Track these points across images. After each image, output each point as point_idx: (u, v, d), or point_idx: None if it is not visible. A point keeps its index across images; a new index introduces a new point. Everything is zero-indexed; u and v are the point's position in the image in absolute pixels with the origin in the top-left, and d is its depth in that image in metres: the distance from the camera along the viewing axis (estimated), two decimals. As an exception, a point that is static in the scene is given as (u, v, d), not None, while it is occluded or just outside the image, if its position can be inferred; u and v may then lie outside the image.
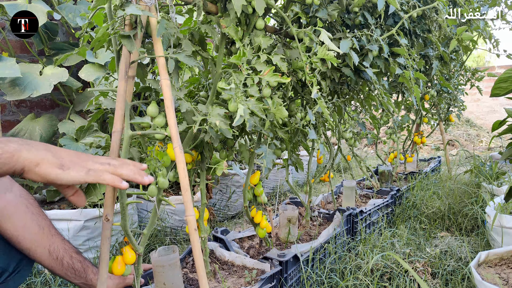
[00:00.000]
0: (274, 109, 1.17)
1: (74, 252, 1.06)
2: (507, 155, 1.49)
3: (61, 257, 1.02)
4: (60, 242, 1.03)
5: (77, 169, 0.73)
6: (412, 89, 1.65)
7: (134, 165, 0.83)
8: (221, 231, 1.66)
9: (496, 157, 3.26)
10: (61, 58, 2.03)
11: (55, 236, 1.02)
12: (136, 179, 0.80)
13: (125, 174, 0.79)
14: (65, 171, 0.71)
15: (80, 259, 1.06)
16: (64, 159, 0.72)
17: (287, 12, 1.31)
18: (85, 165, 0.74)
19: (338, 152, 2.19)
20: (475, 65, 11.30)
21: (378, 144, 5.40)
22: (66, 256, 1.02)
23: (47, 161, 0.70)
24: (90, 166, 0.74)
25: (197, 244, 0.96)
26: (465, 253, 1.71)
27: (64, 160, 0.72)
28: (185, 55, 0.99)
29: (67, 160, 0.73)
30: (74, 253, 1.05)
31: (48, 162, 0.70)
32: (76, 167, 0.73)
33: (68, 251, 1.04)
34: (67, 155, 0.74)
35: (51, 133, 2.15)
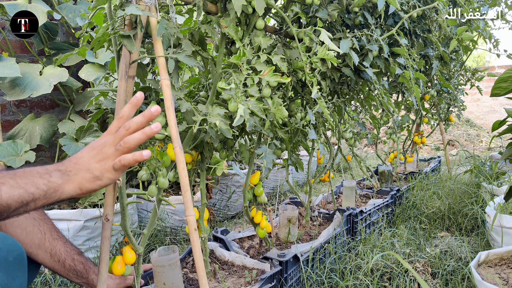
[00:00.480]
0: (274, 109, 1.17)
1: (76, 254, 1.07)
2: (507, 155, 1.49)
3: (63, 260, 1.03)
4: (62, 245, 1.04)
5: (108, 173, 0.78)
6: (412, 89, 1.65)
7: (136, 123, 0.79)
8: (221, 231, 1.66)
9: (496, 157, 3.26)
10: (61, 58, 2.02)
11: (56, 240, 1.03)
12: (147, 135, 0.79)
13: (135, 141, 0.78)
14: (102, 180, 0.77)
15: (82, 260, 1.07)
16: (96, 169, 0.77)
17: (287, 12, 1.31)
18: (109, 165, 0.77)
19: (338, 152, 2.19)
20: (475, 65, 11.30)
21: (378, 144, 5.41)
22: (68, 259, 1.04)
23: (86, 181, 0.76)
24: (111, 164, 0.77)
25: (197, 244, 0.96)
26: (465, 253, 1.71)
27: (97, 169, 0.77)
28: (185, 55, 0.99)
29: (98, 169, 0.77)
30: (76, 255, 1.06)
31: (86, 181, 0.76)
32: (107, 171, 0.77)
33: (70, 253, 1.05)
34: (95, 162, 0.77)
35: (51, 133, 2.14)
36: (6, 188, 0.67)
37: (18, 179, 0.70)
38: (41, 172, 0.73)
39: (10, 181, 0.69)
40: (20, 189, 0.69)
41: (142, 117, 0.79)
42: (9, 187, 0.68)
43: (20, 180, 0.70)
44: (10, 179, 0.69)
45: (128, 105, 0.81)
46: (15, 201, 0.68)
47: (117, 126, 0.80)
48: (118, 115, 0.81)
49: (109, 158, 0.78)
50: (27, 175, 0.71)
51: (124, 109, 0.81)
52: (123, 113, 0.80)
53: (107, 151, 0.78)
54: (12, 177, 0.70)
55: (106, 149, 0.78)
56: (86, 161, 0.77)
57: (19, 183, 0.69)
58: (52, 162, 2.36)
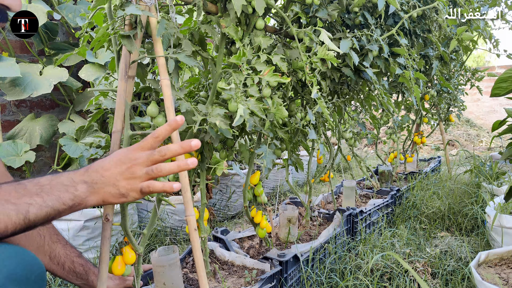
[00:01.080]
0: (274, 109, 1.17)
1: (76, 256, 1.07)
2: (507, 155, 1.48)
3: (62, 262, 1.03)
4: (62, 248, 1.04)
5: (134, 192, 0.77)
6: (412, 89, 1.65)
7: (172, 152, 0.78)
8: (221, 231, 1.66)
9: (496, 157, 3.26)
10: (61, 58, 2.03)
11: (56, 243, 1.03)
12: (181, 168, 0.79)
13: (168, 172, 0.78)
14: (127, 198, 0.78)
15: (82, 262, 1.07)
16: (123, 187, 0.77)
17: (287, 12, 1.31)
18: (137, 186, 0.77)
19: (338, 152, 2.19)
20: (475, 65, 11.30)
21: (378, 144, 5.40)
22: (68, 261, 1.04)
23: (111, 196, 0.76)
24: (140, 186, 0.77)
25: (197, 244, 0.96)
26: (465, 253, 1.71)
27: (124, 187, 0.77)
28: (185, 55, 0.99)
29: (124, 187, 0.77)
30: (76, 257, 1.06)
31: (111, 196, 0.76)
32: (133, 191, 0.77)
33: (70, 256, 1.05)
34: (123, 179, 0.77)
35: (51, 133, 2.15)
36: (34, 210, 0.68)
37: (45, 196, 0.69)
38: (67, 184, 0.73)
39: (38, 200, 0.68)
40: (48, 207, 0.69)
41: (180, 149, 0.77)
42: (37, 208, 0.68)
43: (47, 197, 0.70)
44: (38, 197, 0.69)
45: (167, 127, 0.78)
46: (41, 219, 0.69)
47: (151, 145, 0.78)
48: (154, 134, 0.78)
49: (137, 178, 0.77)
50: (54, 189, 0.71)
51: (161, 130, 0.78)
52: (159, 134, 0.78)
53: (137, 171, 0.77)
54: (39, 194, 0.69)
55: (136, 169, 0.77)
56: (113, 176, 0.76)
57: (46, 201, 0.69)
58: (52, 162, 2.36)
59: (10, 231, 0.66)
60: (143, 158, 0.77)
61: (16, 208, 0.66)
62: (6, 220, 0.64)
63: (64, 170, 2.14)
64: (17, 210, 0.66)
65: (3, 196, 0.66)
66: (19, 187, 0.69)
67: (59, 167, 2.12)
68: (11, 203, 0.66)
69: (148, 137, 0.79)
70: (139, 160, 0.77)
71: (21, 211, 0.66)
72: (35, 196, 0.69)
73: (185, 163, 0.77)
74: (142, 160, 0.77)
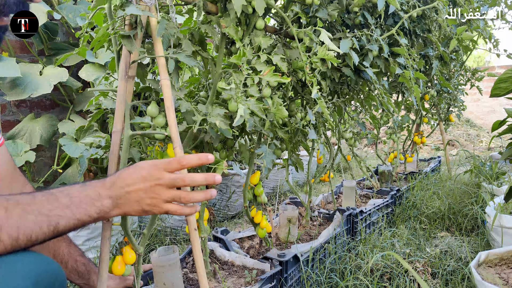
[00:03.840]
0: (274, 109, 1.17)
1: (79, 255, 1.08)
2: (507, 155, 1.48)
3: (65, 261, 1.04)
4: (66, 246, 1.05)
5: (156, 209, 0.80)
6: (412, 89, 1.65)
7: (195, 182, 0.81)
8: (221, 231, 1.66)
9: (496, 157, 3.26)
10: (61, 58, 2.02)
11: (60, 241, 1.05)
12: (206, 198, 0.82)
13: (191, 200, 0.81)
14: (148, 213, 0.81)
15: (84, 261, 1.08)
16: (146, 205, 0.79)
17: (287, 12, 1.31)
18: (160, 205, 0.80)
19: (338, 152, 2.19)
20: (475, 65, 11.30)
21: (378, 144, 5.40)
22: (71, 260, 1.05)
23: (133, 211, 0.79)
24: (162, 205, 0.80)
25: (197, 244, 0.96)
26: (465, 253, 1.71)
27: (147, 205, 0.79)
28: (185, 55, 0.99)
29: (147, 206, 0.79)
30: (79, 257, 1.08)
31: (133, 211, 0.79)
32: (155, 208, 0.80)
33: (73, 255, 1.06)
34: (147, 198, 0.79)
35: (51, 133, 2.14)
36: (64, 222, 0.71)
37: (74, 209, 0.72)
38: (93, 198, 0.75)
39: (68, 213, 0.71)
40: (75, 220, 0.73)
41: (204, 181, 0.80)
42: (66, 220, 0.71)
43: (76, 210, 0.73)
44: (68, 209, 0.72)
45: (196, 159, 0.80)
46: (68, 230, 0.73)
47: (175, 169, 0.80)
48: (182, 162, 0.80)
49: (160, 198, 0.79)
50: (82, 203, 0.74)
51: (191, 159, 0.80)
52: (188, 162, 0.80)
53: (161, 192, 0.79)
54: (69, 207, 0.72)
55: (160, 190, 0.79)
56: (138, 194, 0.78)
57: (75, 214, 0.72)
58: (52, 162, 2.36)
59: (40, 240, 0.69)
60: (167, 180, 0.79)
61: (48, 220, 0.69)
62: (37, 231, 0.68)
63: (64, 170, 2.14)
64: (48, 222, 0.69)
65: (37, 208, 0.69)
66: (51, 198, 0.72)
67: (59, 167, 2.12)
68: (44, 215, 0.69)
69: (174, 161, 0.80)
70: (163, 181, 0.79)
71: (52, 223, 0.69)
72: (66, 209, 0.72)
73: (210, 194, 0.81)
74: (166, 182, 0.79)
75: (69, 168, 2.14)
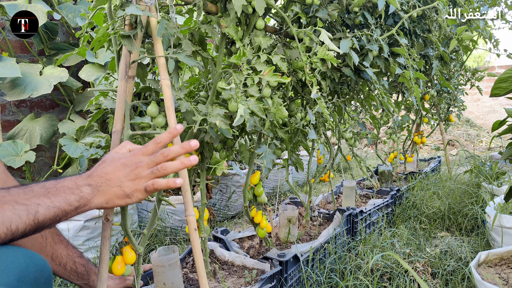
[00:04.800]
0: (274, 109, 1.17)
1: (78, 256, 1.08)
2: (507, 155, 1.49)
3: (64, 263, 1.04)
4: (64, 249, 1.05)
5: (138, 192, 0.80)
6: (412, 89, 1.65)
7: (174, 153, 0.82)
8: (221, 231, 1.66)
9: (496, 157, 3.26)
10: (61, 58, 2.03)
11: (58, 244, 1.04)
12: (185, 165, 0.82)
13: (172, 169, 0.81)
14: (131, 198, 0.80)
15: (83, 262, 1.08)
16: (128, 187, 0.79)
17: (287, 12, 1.31)
18: (141, 186, 0.80)
19: (338, 152, 2.19)
20: (475, 65, 11.30)
21: (378, 144, 5.41)
22: (69, 262, 1.05)
23: (116, 197, 0.79)
24: (144, 184, 0.80)
25: (197, 244, 0.96)
26: (465, 253, 1.71)
27: (129, 188, 0.79)
28: (185, 55, 0.99)
29: (129, 188, 0.79)
30: (77, 258, 1.07)
31: (116, 197, 0.79)
32: (138, 191, 0.80)
33: (72, 256, 1.06)
34: (128, 181, 0.79)
35: (51, 133, 2.15)
36: (43, 210, 0.70)
37: (52, 197, 0.72)
38: (71, 187, 0.75)
39: (46, 201, 0.71)
40: (55, 208, 0.72)
41: (181, 149, 0.81)
42: (45, 208, 0.70)
43: (54, 198, 0.72)
44: (45, 198, 0.71)
45: (168, 134, 0.83)
46: (49, 219, 0.71)
47: (153, 151, 0.82)
48: (156, 140, 0.82)
49: (142, 179, 0.80)
50: (59, 191, 0.74)
51: (163, 137, 0.82)
52: (161, 140, 0.82)
53: (141, 172, 0.80)
54: (46, 195, 0.72)
55: (140, 170, 0.80)
56: (118, 178, 0.79)
57: (53, 202, 0.72)
58: (52, 162, 2.36)
59: (21, 231, 0.68)
60: (146, 160, 0.80)
61: (26, 209, 0.68)
62: (17, 220, 0.66)
63: (64, 170, 2.14)
64: (27, 211, 0.68)
65: (13, 198, 0.68)
66: (27, 189, 0.71)
67: (59, 167, 2.12)
68: (21, 204, 0.68)
69: (149, 143, 0.82)
70: (143, 163, 0.80)
71: (31, 212, 0.68)
72: (43, 197, 0.71)
73: (187, 159, 0.81)
74: (146, 162, 0.80)
75: (69, 168, 2.14)
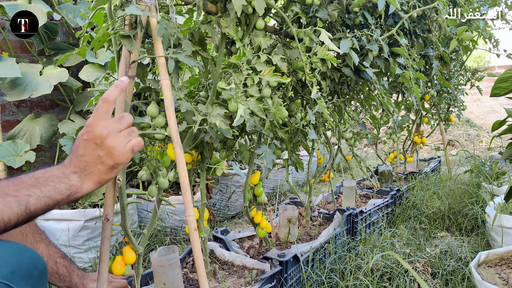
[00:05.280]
0: (274, 109, 1.17)
1: (60, 256, 1.05)
2: (507, 155, 1.49)
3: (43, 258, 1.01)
4: (45, 248, 1.02)
5: (122, 156, 0.79)
6: (412, 89, 1.65)
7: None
8: (221, 231, 1.66)
9: (496, 157, 3.26)
10: (61, 58, 2.02)
11: (39, 242, 1.02)
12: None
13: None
14: (118, 167, 0.80)
15: (65, 263, 1.05)
16: (109, 160, 0.78)
17: (287, 12, 1.31)
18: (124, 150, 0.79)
19: (338, 152, 2.19)
20: (475, 65, 11.29)
21: (378, 144, 5.40)
22: (50, 262, 1.02)
23: (103, 173, 0.78)
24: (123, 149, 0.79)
25: (197, 244, 0.96)
26: (465, 253, 1.71)
27: (110, 160, 0.78)
28: (185, 55, 0.99)
29: (111, 159, 0.78)
30: (59, 258, 1.04)
31: (103, 173, 0.78)
32: (120, 156, 0.79)
33: (53, 256, 1.03)
34: (107, 153, 0.78)
35: (51, 133, 2.14)
36: (34, 200, 0.70)
37: (41, 187, 0.72)
38: (59, 176, 0.75)
39: (36, 191, 0.71)
40: (46, 198, 0.71)
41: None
42: (36, 199, 0.70)
43: (44, 188, 0.72)
44: (35, 188, 0.71)
45: (114, 88, 0.82)
46: (41, 209, 0.71)
47: (106, 111, 0.80)
48: (103, 99, 0.80)
49: (118, 147, 0.79)
50: (49, 180, 0.73)
51: (109, 93, 0.81)
52: (108, 97, 0.80)
53: (114, 142, 0.78)
54: (36, 185, 0.71)
55: (111, 140, 0.78)
56: (96, 154, 0.77)
57: (43, 192, 0.71)
58: (53, 162, 2.36)
59: (13, 222, 0.68)
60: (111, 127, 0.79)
61: (16, 200, 0.68)
62: (8, 211, 0.66)
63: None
64: (18, 202, 0.68)
65: (2, 190, 0.68)
66: (16, 181, 0.71)
67: (59, 167, 2.11)
68: (12, 195, 0.68)
69: (99, 103, 0.80)
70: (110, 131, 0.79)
71: (22, 203, 0.68)
72: (33, 188, 0.71)
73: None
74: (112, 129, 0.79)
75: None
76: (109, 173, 0.79)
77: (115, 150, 0.78)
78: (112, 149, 0.78)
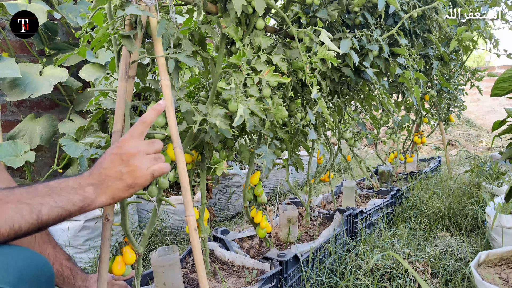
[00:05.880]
0: (274, 109, 1.17)
1: (65, 259, 1.05)
2: (507, 155, 1.48)
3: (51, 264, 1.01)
4: (52, 250, 1.03)
5: (142, 178, 0.80)
6: (412, 89, 1.65)
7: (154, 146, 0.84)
8: (221, 231, 1.66)
9: (496, 157, 3.26)
10: (61, 58, 2.02)
11: (46, 244, 1.02)
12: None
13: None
14: (135, 188, 0.80)
15: (70, 266, 1.05)
16: (129, 178, 0.79)
17: (287, 12, 1.31)
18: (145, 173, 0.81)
19: (338, 152, 2.19)
20: (475, 65, 11.29)
21: (378, 144, 5.40)
22: (56, 264, 1.03)
23: (119, 191, 0.79)
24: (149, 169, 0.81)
25: (197, 244, 0.96)
26: (465, 253, 1.71)
27: (130, 179, 0.79)
28: (185, 55, 0.99)
29: (131, 178, 0.79)
30: (64, 260, 1.05)
31: (119, 190, 0.79)
32: (141, 177, 0.80)
33: (59, 258, 1.03)
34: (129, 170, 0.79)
35: (51, 133, 2.14)
36: (46, 209, 0.70)
37: (55, 196, 0.72)
38: (75, 187, 0.75)
39: (49, 201, 0.70)
40: (58, 208, 0.71)
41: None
42: (49, 208, 0.70)
43: (58, 198, 0.72)
44: (49, 197, 0.71)
45: (152, 111, 0.86)
46: (53, 219, 0.71)
47: (141, 132, 0.83)
48: (142, 120, 0.84)
49: (142, 164, 0.80)
50: (63, 191, 0.73)
51: (147, 115, 0.84)
52: (146, 119, 0.84)
53: (137, 162, 0.80)
54: (50, 195, 0.71)
55: (136, 160, 0.80)
56: (118, 171, 0.78)
57: (57, 201, 0.71)
58: (52, 162, 2.36)
59: (24, 230, 0.67)
60: (140, 148, 0.81)
61: (29, 208, 0.68)
62: (19, 219, 0.66)
63: (64, 170, 2.14)
64: (30, 210, 0.68)
65: (16, 197, 0.68)
66: (30, 189, 0.71)
67: (59, 167, 2.12)
68: (24, 203, 0.68)
69: (136, 124, 0.83)
70: (139, 151, 0.81)
71: (34, 211, 0.68)
72: (46, 197, 0.71)
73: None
74: (141, 150, 0.81)
75: (69, 168, 2.14)
76: (125, 191, 0.79)
77: (137, 170, 0.79)
78: (135, 168, 0.79)
